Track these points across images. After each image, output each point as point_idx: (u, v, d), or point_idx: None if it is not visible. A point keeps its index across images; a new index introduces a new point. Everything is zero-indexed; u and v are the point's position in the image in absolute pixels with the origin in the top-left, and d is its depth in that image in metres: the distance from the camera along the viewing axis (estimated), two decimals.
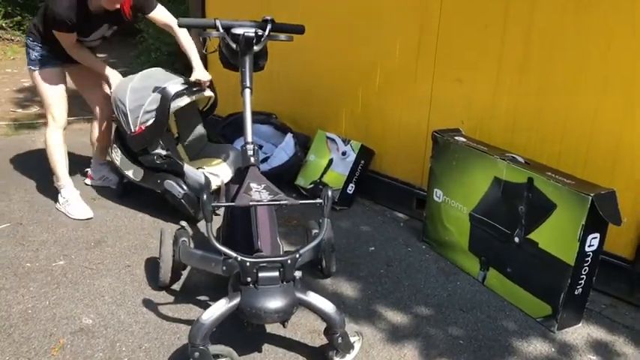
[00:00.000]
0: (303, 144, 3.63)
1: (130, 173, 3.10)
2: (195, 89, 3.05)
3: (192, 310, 2.35)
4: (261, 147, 3.84)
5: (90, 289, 2.47)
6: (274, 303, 1.88)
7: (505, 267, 2.53)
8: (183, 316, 2.32)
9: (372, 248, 2.94)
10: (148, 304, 2.39)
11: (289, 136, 3.60)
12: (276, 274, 1.92)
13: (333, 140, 3.48)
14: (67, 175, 3.20)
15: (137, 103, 2.93)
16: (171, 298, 2.44)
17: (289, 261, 1.93)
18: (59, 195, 3.20)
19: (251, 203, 1.91)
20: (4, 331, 2.19)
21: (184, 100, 2.95)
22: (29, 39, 3.02)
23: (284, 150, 3.56)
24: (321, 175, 3.44)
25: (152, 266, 2.63)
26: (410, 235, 3.09)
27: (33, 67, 3.04)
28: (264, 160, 3.64)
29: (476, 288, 2.62)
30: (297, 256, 1.95)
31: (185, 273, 2.58)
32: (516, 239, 2.45)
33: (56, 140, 3.12)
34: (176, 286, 2.52)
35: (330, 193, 1.99)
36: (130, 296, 2.44)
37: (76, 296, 2.42)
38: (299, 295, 1.94)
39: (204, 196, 1.85)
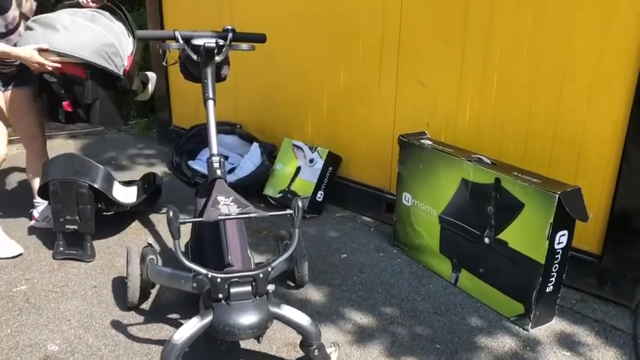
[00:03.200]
0: (270, 153, 3.59)
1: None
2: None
3: (163, 330, 2.29)
4: (227, 158, 3.79)
5: (55, 314, 2.38)
6: (248, 319, 1.84)
7: (477, 268, 2.54)
8: (154, 337, 2.25)
9: (344, 255, 2.92)
10: (117, 325, 2.31)
11: (255, 145, 3.56)
12: (249, 288, 1.88)
13: (299, 148, 3.45)
14: None
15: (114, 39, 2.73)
16: (140, 319, 2.37)
17: (261, 275, 1.89)
18: None
19: (219, 217, 1.86)
20: None
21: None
22: None
23: (250, 160, 3.51)
24: (290, 184, 3.40)
25: (119, 286, 2.55)
26: (381, 240, 3.09)
27: None
28: (231, 170, 3.59)
29: (449, 290, 2.63)
30: (269, 269, 1.92)
31: (154, 291, 2.51)
32: (486, 240, 2.46)
33: None
34: (145, 306, 2.45)
35: (300, 203, 1.96)
36: (98, 318, 2.36)
37: (40, 322, 2.33)
38: (273, 309, 1.90)
39: (171, 213, 1.80)
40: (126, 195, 3.03)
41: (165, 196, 3.46)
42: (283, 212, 2.00)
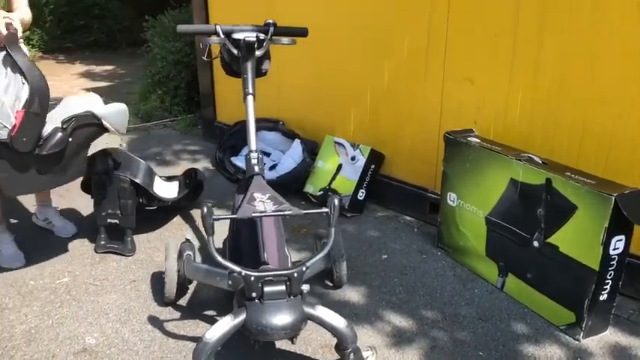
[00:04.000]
0: (312, 150, 3.54)
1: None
2: None
3: (198, 327, 2.27)
4: (269, 154, 3.77)
5: (94, 307, 2.40)
6: (281, 319, 1.79)
7: (525, 272, 2.41)
8: (189, 333, 2.23)
9: (385, 256, 2.83)
10: (154, 321, 2.31)
11: (296, 142, 3.51)
12: (283, 288, 1.83)
13: (341, 145, 3.38)
14: None
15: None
16: (177, 315, 2.35)
17: (296, 274, 1.84)
18: None
19: (253, 215, 1.82)
20: (7, 353, 2.12)
21: None
22: None
23: (291, 157, 3.47)
24: (330, 182, 3.34)
25: (158, 281, 2.55)
26: (424, 241, 2.98)
27: None
28: (272, 167, 3.56)
29: (495, 295, 2.51)
30: (304, 268, 1.86)
31: (192, 287, 2.50)
32: (535, 243, 2.33)
33: None
34: (182, 301, 2.44)
35: (336, 201, 1.89)
36: (135, 313, 2.36)
37: (80, 314, 2.35)
38: (307, 309, 1.85)
39: (205, 209, 1.77)
40: (167, 190, 3.04)
41: (207, 192, 3.45)
42: (319, 210, 1.94)
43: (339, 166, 3.35)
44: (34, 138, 2.19)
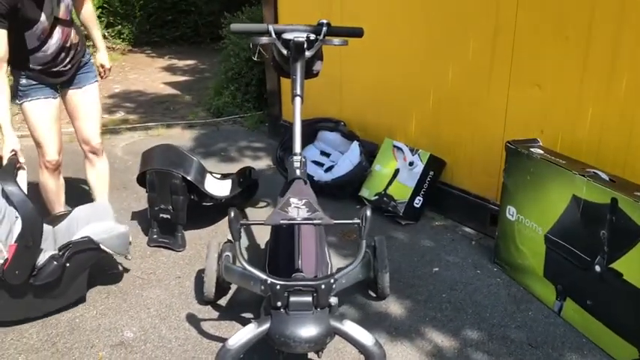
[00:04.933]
0: (371, 152, 3.44)
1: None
2: None
3: (234, 328, 2.25)
4: (328, 155, 3.71)
5: (137, 300, 2.45)
6: (306, 331, 1.72)
7: (584, 299, 2.21)
8: (224, 335, 2.22)
9: (437, 269, 2.70)
10: (191, 319, 2.32)
11: (355, 144, 3.43)
12: (309, 299, 1.76)
13: (400, 149, 3.26)
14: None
15: None
16: (215, 314, 2.35)
17: (323, 285, 1.77)
18: None
19: (282, 221, 1.76)
20: (50, 340, 2.20)
21: None
22: (10, 68, 2.49)
23: (349, 159, 3.39)
24: (387, 187, 3.23)
25: (201, 279, 2.56)
26: (481, 255, 2.81)
27: (18, 101, 2.56)
28: (329, 169, 3.50)
29: (550, 320, 2.32)
30: (332, 280, 1.78)
31: (234, 287, 2.49)
32: (597, 268, 2.12)
33: (45, 181, 2.71)
34: (223, 301, 2.44)
35: (368, 213, 1.80)
36: (175, 310, 2.38)
37: (123, 307, 2.40)
38: (334, 323, 1.77)
39: (232, 214, 1.74)
40: (220, 188, 3.06)
41: (265, 190, 3.45)
42: (351, 222, 1.86)
43: (396, 171, 3.23)
44: (27, 270, 2.15)
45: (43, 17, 2.44)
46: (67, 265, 2.25)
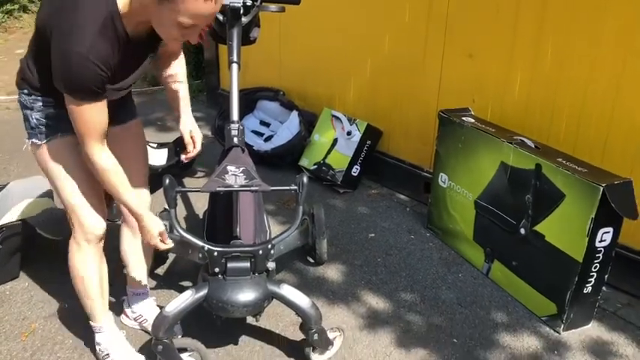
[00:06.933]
0: (310, 122, 3.46)
1: None
2: None
3: (172, 297, 2.21)
4: (268, 125, 3.70)
5: None
6: (243, 296, 1.75)
7: (510, 260, 2.33)
8: (162, 303, 2.18)
9: (372, 235, 2.77)
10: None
11: (294, 113, 3.43)
12: (247, 264, 1.79)
13: (338, 119, 3.30)
14: (103, 312, 1.89)
15: None
16: (153, 283, 2.34)
17: (261, 251, 1.79)
18: (95, 340, 1.93)
19: (218, 188, 1.77)
20: None
21: None
22: (23, 93, 1.68)
23: (288, 128, 3.40)
24: (325, 156, 3.27)
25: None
26: (415, 221, 2.91)
27: (36, 140, 1.70)
28: (268, 138, 3.50)
29: (479, 281, 2.44)
30: (270, 246, 1.81)
31: (171, 257, 2.47)
32: (522, 231, 2.24)
33: (84, 259, 1.80)
34: (160, 270, 2.42)
35: (305, 179, 1.84)
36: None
37: (57, 279, 2.33)
38: (271, 287, 1.81)
39: (167, 181, 1.72)
40: (156, 157, 3.01)
41: (204, 159, 3.39)
42: (288, 188, 1.88)
43: (335, 141, 3.27)
44: None
45: (132, 76, 1.68)
46: (0, 247, 2.19)
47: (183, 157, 1.97)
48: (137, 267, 2.05)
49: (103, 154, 1.59)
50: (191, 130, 1.99)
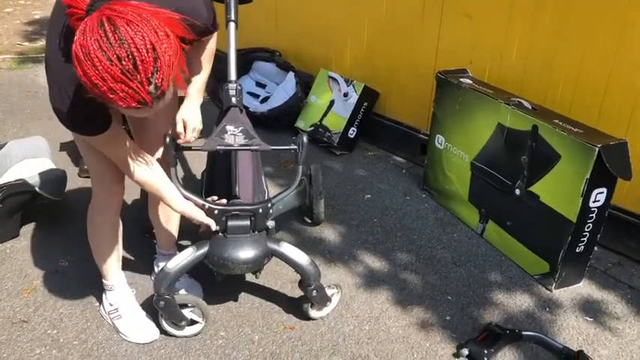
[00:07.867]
0: (306, 83, 3.44)
1: None
2: None
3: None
4: (264, 86, 3.68)
5: (71, 231, 2.41)
6: (243, 253, 1.78)
7: (505, 220, 2.37)
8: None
9: (369, 196, 2.80)
10: (128, 248, 2.31)
11: (290, 75, 3.42)
12: (247, 223, 1.81)
13: (335, 80, 3.28)
14: (116, 272, 1.96)
15: None
16: (152, 243, 2.36)
17: (261, 210, 1.81)
18: (103, 297, 2.00)
19: (218, 147, 1.77)
20: None
21: None
22: None
23: (284, 89, 3.39)
24: (322, 118, 3.27)
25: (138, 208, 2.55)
26: (411, 182, 2.94)
27: None
28: (264, 100, 3.49)
29: (473, 241, 2.48)
30: (269, 205, 1.83)
31: None
32: (517, 191, 2.27)
33: (103, 221, 1.89)
34: None
35: (305, 139, 1.84)
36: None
37: (56, 238, 2.37)
38: (271, 245, 1.83)
39: (167, 140, 1.73)
40: None
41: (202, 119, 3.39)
42: (287, 147, 1.89)
43: (332, 102, 3.27)
44: None
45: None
46: (0, 206, 2.20)
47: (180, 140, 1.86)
48: (165, 229, 2.09)
49: (142, 177, 1.67)
50: (183, 118, 1.85)
